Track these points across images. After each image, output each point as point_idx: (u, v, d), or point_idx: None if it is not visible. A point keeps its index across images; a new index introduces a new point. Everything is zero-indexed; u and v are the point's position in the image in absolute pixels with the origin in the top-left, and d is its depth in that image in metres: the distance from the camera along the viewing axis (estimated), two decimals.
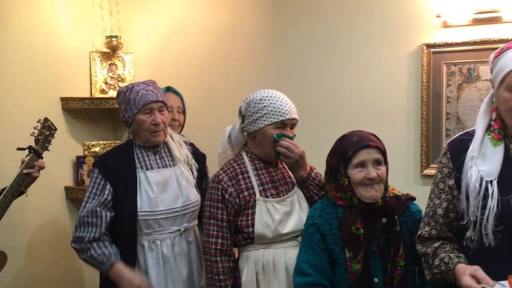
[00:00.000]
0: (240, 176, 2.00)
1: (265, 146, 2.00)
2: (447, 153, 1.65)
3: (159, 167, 2.17)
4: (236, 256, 2.05)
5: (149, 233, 2.11)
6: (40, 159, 2.30)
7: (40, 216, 3.08)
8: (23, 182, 2.24)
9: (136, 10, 3.47)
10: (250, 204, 1.96)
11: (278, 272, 1.94)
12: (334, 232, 1.81)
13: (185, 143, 2.30)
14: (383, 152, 1.82)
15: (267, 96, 1.97)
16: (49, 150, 2.37)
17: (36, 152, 2.28)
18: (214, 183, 2.00)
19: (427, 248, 1.66)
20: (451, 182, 1.62)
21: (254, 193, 1.97)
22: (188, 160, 2.24)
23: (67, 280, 3.12)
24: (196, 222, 2.24)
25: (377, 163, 1.79)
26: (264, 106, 1.95)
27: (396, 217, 1.80)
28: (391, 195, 1.86)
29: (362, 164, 1.77)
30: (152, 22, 3.45)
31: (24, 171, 2.22)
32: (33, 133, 2.32)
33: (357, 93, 2.88)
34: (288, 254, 1.95)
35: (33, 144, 2.30)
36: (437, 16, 2.62)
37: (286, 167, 2.07)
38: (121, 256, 2.07)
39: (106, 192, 2.08)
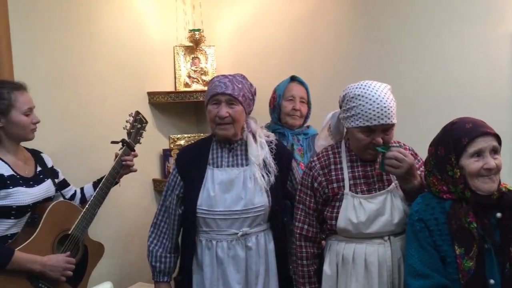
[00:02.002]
0: (333, 166, 1.94)
1: (353, 145, 1.92)
2: None
3: (228, 166, 2.12)
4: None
5: (207, 231, 2.09)
6: (132, 152, 2.35)
7: (131, 208, 3.17)
8: (117, 174, 2.30)
9: (217, 2, 3.48)
10: (338, 196, 1.90)
11: (356, 267, 1.87)
12: (441, 227, 1.66)
13: (271, 142, 2.18)
14: (499, 139, 1.65)
15: (360, 95, 1.81)
16: (140, 143, 2.42)
17: (128, 145, 2.33)
18: (307, 169, 1.99)
19: None
20: None
21: (344, 186, 1.90)
22: (265, 164, 2.12)
23: None
24: (261, 227, 2.12)
25: (494, 151, 1.62)
26: (354, 106, 1.82)
27: None
28: (503, 188, 1.68)
29: (479, 153, 1.61)
30: (233, 14, 3.43)
31: (122, 160, 2.29)
32: (125, 126, 2.37)
33: (453, 78, 2.68)
34: (369, 250, 1.86)
35: (125, 138, 2.35)
36: None
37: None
38: (182, 248, 2.18)
39: (176, 186, 2.14)
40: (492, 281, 1.59)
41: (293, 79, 2.64)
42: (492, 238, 1.61)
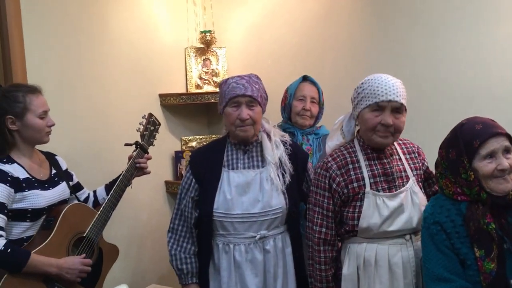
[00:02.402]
0: (351, 166, 1.89)
1: (363, 130, 1.89)
2: None
3: (244, 168, 2.09)
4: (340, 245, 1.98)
5: (224, 235, 2.06)
6: (146, 154, 2.35)
7: (143, 209, 3.18)
8: (131, 177, 2.30)
9: (228, 3, 3.47)
10: (359, 196, 1.86)
11: (380, 269, 1.83)
12: (458, 230, 1.64)
13: (285, 143, 2.16)
14: (511, 138, 1.63)
15: (368, 79, 1.85)
16: (154, 145, 2.42)
17: (142, 147, 2.33)
18: (322, 170, 1.92)
19: None
20: None
21: (364, 185, 1.86)
22: (281, 163, 2.09)
23: (174, 271, 3.18)
24: (279, 230, 2.10)
25: (506, 151, 1.60)
26: (363, 90, 1.84)
27: None
28: None
29: (492, 155, 1.59)
30: (244, 15, 3.42)
31: (136, 163, 2.30)
32: (139, 128, 2.37)
33: (467, 77, 2.64)
34: (392, 251, 1.83)
35: (138, 140, 2.35)
36: None
37: (402, 159, 1.92)
38: (198, 252, 2.13)
39: (191, 189, 2.11)
40: None
41: (305, 78, 2.63)
42: (511, 238, 1.59)
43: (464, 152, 1.62)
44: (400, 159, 1.92)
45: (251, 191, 2.05)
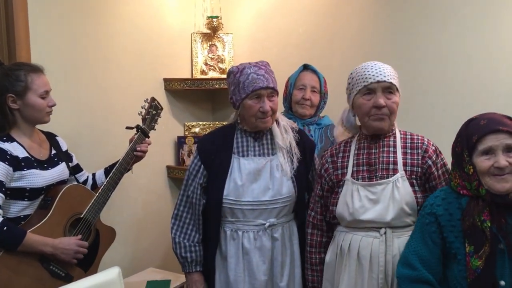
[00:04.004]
0: (341, 154, 1.97)
1: (360, 116, 1.89)
2: None
3: (255, 155, 2.08)
4: None
5: (233, 221, 2.06)
6: (147, 138, 2.35)
7: (144, 194, 3.18)
8: (131, 160, 2.30)
9: None
10: (341, 183, 1.91)
11: (350, 259, 1.86)
12: (454, 224, 1.64)
13: (293, 129, 2.15)
14: None
15: (357, 67, 1.88)
16: (155, 130, 2.41)
17: (143, 131, 2.33)
18: (320, 157, 2.05)
19: None
20: None
21: (347, 172, 1.91)
22: (290, 147, 2.10)
23: (172, 256, 3.20)
24: (287, 218, 2.11)
25: (508, 150, 1.57)
26: (353, 78, 1.88)
27: None
28: None
29: (490, 151, 1.57)
30: (252, 1, 3.39)
31: (137, 148, 2.29)
32: (141, 112, 2.36)
33: (481, 71, 2.60)
34: (364, 243, 1.83)
35: (140, 124, 2.35)
36: None
37: (397, 152, 1.87)
38: (204, 239, 2.12)
39: (199, 175, 2.09)
40: (502, 283, 1.56)
41: (306, 67, 2.59)
42: (508, 239, 1.56)
43: (465, 146, 1.63)
44: (395, 151, 1.88)
45: (262, 178, 2.05)
